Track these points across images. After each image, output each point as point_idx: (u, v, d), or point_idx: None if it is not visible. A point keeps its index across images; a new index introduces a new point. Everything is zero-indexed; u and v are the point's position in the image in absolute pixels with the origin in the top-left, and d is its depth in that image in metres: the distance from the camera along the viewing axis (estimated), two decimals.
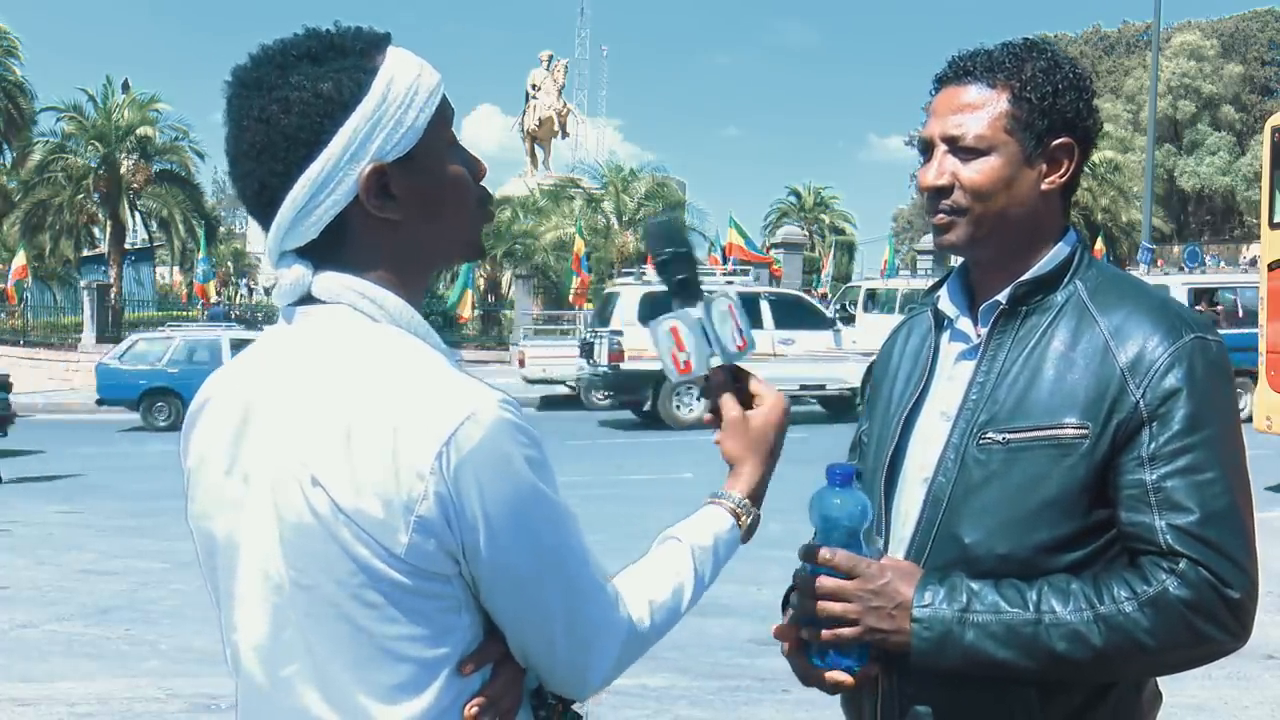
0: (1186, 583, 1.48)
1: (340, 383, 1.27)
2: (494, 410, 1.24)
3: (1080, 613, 1.49)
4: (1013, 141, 1.61)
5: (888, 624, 1.54)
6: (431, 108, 1.33)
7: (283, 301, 1.35)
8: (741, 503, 1.53)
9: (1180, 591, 1.48)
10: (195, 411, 1.41)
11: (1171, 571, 1.49)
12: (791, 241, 31.46)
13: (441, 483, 1.21)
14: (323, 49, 1.31)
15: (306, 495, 1.25)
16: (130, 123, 35.78)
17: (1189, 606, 1.48)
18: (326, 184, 1.29)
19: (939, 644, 1.52)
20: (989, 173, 1.62)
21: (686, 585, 1.43)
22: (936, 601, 1.53)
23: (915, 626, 1.53)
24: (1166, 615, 1.48)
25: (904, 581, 1.55)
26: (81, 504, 11.48)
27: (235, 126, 1.32)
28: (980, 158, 1.62)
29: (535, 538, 1.26)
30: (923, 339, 1.77)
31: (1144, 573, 1.50)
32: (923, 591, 1.54)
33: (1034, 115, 1.61)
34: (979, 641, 1.51)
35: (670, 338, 1.57)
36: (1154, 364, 1.53)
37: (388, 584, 1.24)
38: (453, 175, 1.36)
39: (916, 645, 1.53)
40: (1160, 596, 1.48)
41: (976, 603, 1.52)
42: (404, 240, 1.33)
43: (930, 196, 1.67)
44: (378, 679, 1.26)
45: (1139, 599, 1.49)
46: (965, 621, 1.52)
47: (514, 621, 1.30)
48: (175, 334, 20.89)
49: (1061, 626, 1.49)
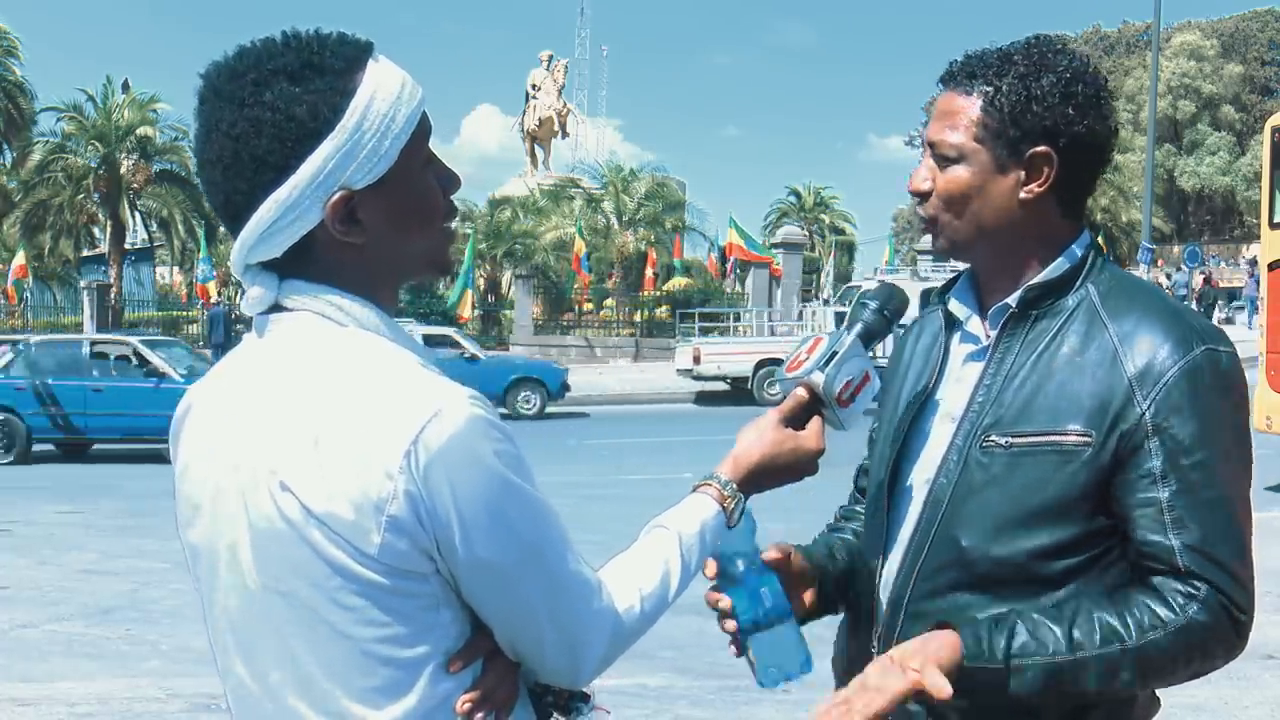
0: (1208, 609, 1.48)
1: (306, 387, 1.27)
2: (462, 407, 1.23)
3: (1110, 646, 1.48)
4: (983, 150, 1.60)
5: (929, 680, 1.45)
6: (409, 131, 1.30)
7: (251, 312, 1.34)
8: (727, 484, 1.53)
9: (1202, 618, 1.48)
10: (179, 419, 1.42)
11: (1191, 598, 1.48)
12: (791, 241, 31.45)
13: (411, 481, 1.21)
14: (301, 66, 1.27)
15: (276, 500, 1.25)
16: (130, 123, 35.78)
17: (1209, 631, 1.49)
18: (293, 209, 1.27)
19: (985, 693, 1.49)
20: (957, 181, 1.62)
21: (674, 573, 1.43)
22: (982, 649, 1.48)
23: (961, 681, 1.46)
24: (1189, 641, 1.49)
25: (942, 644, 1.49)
26: (82, 504, 11.48)
27: (204, 133, 1.31)
28: (952, 165, 1.62)
29: (511, 532, 1.26)
30: (934, 338, 1.77)
31: (1164, 598, 1.50)
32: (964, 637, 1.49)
33: (1004, 124, 1.59)
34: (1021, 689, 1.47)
35: (810, 343, 1.64)
36: (1162, 375, 1.51)
37: (363, 585, 1.23)
38: (421, 197, 1.34)
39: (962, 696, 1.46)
40: (1188, 626, 1.48)
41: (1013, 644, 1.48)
42: (368, 259, 1.33)
43: (918, 202, 1.68)
44: (360, 682, 1.26)
45: (1167, 629, 1.48)
46: (1011, 668, 1.47)
47: (498, 616, 1.30)
48: None
49: (1096, 664, 1.47)
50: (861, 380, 1.61)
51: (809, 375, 1.59)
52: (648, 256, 33.94)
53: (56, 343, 17.44)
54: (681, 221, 39.56)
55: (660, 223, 38.29)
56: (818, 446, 1.58)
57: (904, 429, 1.71)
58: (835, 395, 1.59)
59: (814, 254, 42.71)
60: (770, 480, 1.57)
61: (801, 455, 1.57)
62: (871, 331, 1.67)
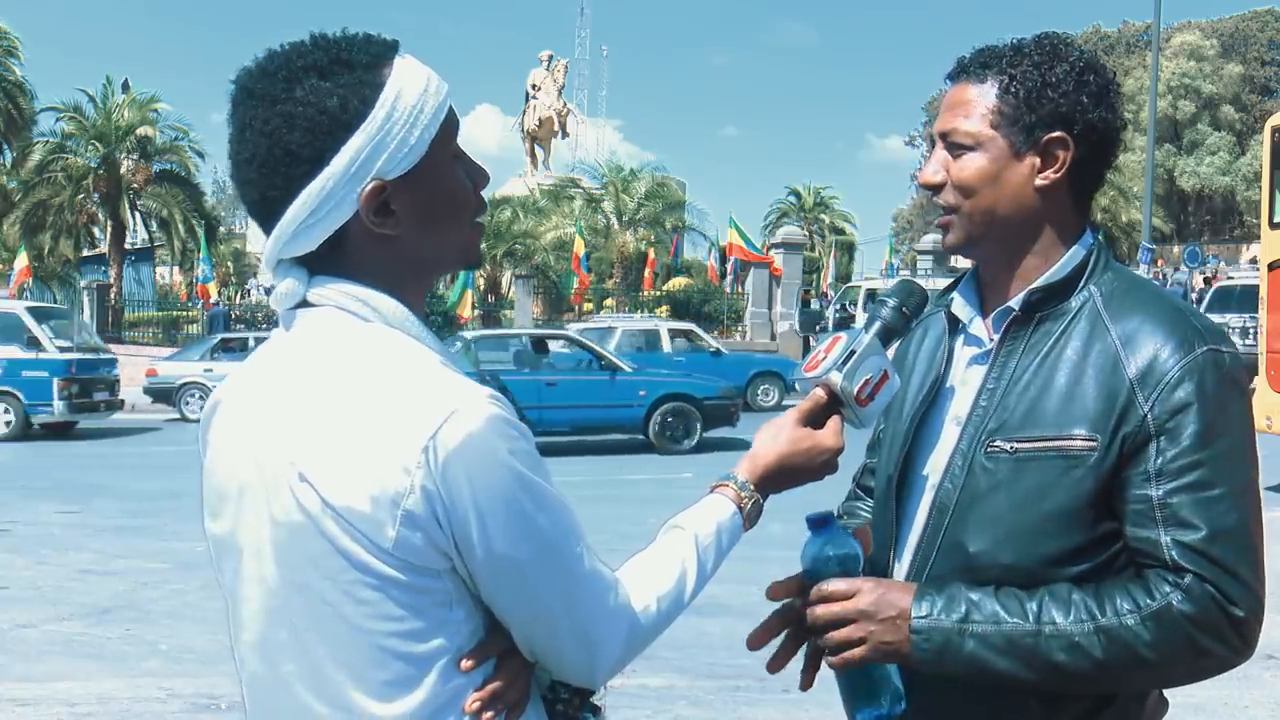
0: (1191, 597, 1.46)
1: (328, 381, 1.29)
2: (480, 405, 1.25)
3: (1081, 624, 1.48)
4: (999, 136, 1.60)
5: (893, 634, 1.52)
6: (437, 124, 1.33)
7: (280, 308, 1.37)
8: (745, 485, 1.53)
9: (1184, 606, 1.46)
10: (209, 414, 1.44)
11: (1176, 586, 1.47)
12: (791, 241, 31.41)
13: (429, 478, 1.22)
14: (330, 62, 1.30)
15: (295, 493, 1.26)
16: (130, 123, 35.78)
17: (1192, 621, 1.46)
18: (327, 201, 1.30)
19: (939, 654, 1.51)
20: (974, 168, 1.61)
21: (690, 574, 1.43)
22: (935, 612, 1.52)
23: (915, 638, 1.51)
24: (1168, 629, 1.47)
25: (900, 592, 1.54)
26: (81, 504, 11.48)
27: (238, 134, 1.33)
28: (967, 153, 1.61)
29: (529, 528, 1.27)
30: (938, 341, 1.76)
31: (1148, 586, 1.49)
32: (920, 602, 1.53)
33: (1020, 109, 1.59)
34: (979, 651, 1.50)
35: (829, 342, 1.62)
36: (1164, 377, 1.50)
37: (378, 578, 1.25)
38: (452, 189, 1.37)
39: (916, 655, 1.52)
40: (1164, 611, 1.46)
41: (976, 613, 1.51)
42: (401, 252, 1.35)
43: (931, 195, 1.67)
44: (372, 675, 1.27)
45: (1141, 612, 1.47)
46: (965, 632, 1.50)
47: (516, 614, 1.31)
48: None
49: (1061, 638, 1.48)
50: (880, 379, 1.60)
51: (827, 375, 1.58)
52: (647, 256, 33.96)
53: (499, 337, 17.43)
54: (681, 221, 39.56)
55: (660, 223, 38.30)
56: (836, 445, 1.57)
57: (910, 432, 1.71)
58: (854, 394, 1.58)
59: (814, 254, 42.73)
60: (788, 480, 1.57)
61: (819, 454, 1.56)
62: (890, 329, 1.66)
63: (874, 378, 1.59)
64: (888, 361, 1.62)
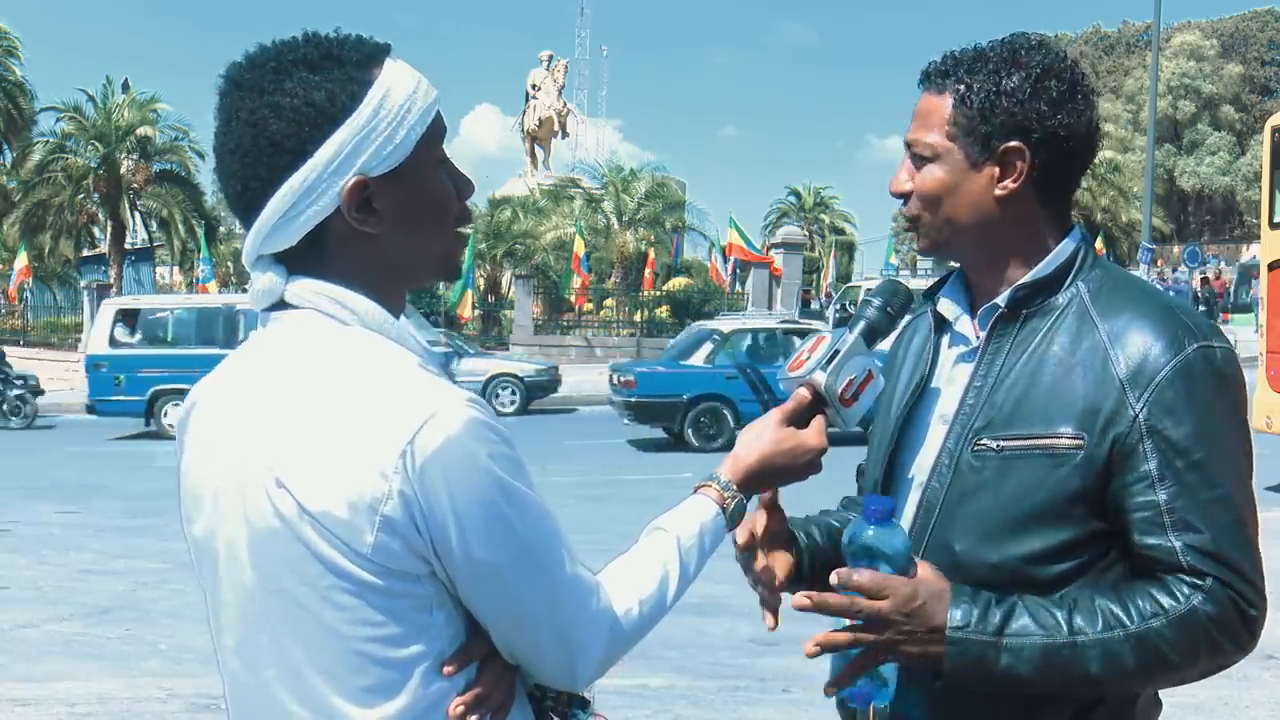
0: (1214, 600, 1.46)
1: (305, 385, 1.27)
2: (459, 409, 1.23)
3: (1112, 631, 1.47)
4: (955, 148, 1.60)
5: (916, 648, 1.49)
6: (423, 126, 1.33)
7: (257, 306, 1.35)
8: (728, 485, 1.53)
9: (1207, 608, 1.46)
10: (184, 417, 1.42)
11: (1197, 588, 1.46)
12: (791, 241, 31.39)
13: (406, 483, 1.21)
14: (320, 57, 1.30)
15: (272, 498, 1.25)
16: (130, 123, 35.80)
17: (1214, 623, 1.46)
18: (309, 193, 1.29)
19: (973, 668, 1.48)
20: (933, 179, 1.61)
21: (672, 576, 1.42)
22: (971, 623, 1.48)
23: (950, 649, 1.48)
24: (1193, 631, 1.46)
25: (936, 602, 1.49)
26: (81, 504, 11.48)
27: (224, 125, 1.33)
28: (928, 164, 1.62)
29: (508, 533, 1.25)
30: (925, 339, 1.76)
31: (1168, 589, 1.48)
32: (955, 610, 1.49)
33: (975, 120, 1.58)
34: (1014, 666, 1.47)
35: (813, 342, 1.63)
36: (1154, 376, 1.49)
37: (356, 584, 1.24)
38: (436, 194, 1.36)
39: (950, 669, 1.48)
40: (1189, 614, 1.46)
41: (1010, 624, 1.48)
42: (381, 254, 1.33)
43: (901, 203, 1.68)
44: (352, 681, 1.26)
45: (1167, 615, 1.46)
46: (1001, 646, 1.47)
47: (496, 619, 1.30)
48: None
49: (1096, 648, 1.46)
50: (865, 378, 1.60)
51: (810, 375, 1.59)
52: (647, 256, 33.96)
53: (752, 329, 16.53)
54: (681, 221, 39.57)
55: (660, 223, 38.30)
56: (820, 444, 1.57)
57: (897, 431, 1.71)
58: (838, 394, 1.58)
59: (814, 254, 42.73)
60: (771, 480, 1.57)
61: (803, 454, 1.56)
62: (875, 329, 1.66)
63: (858, 378, 1.59)
64: (872, 361, 1.62)
